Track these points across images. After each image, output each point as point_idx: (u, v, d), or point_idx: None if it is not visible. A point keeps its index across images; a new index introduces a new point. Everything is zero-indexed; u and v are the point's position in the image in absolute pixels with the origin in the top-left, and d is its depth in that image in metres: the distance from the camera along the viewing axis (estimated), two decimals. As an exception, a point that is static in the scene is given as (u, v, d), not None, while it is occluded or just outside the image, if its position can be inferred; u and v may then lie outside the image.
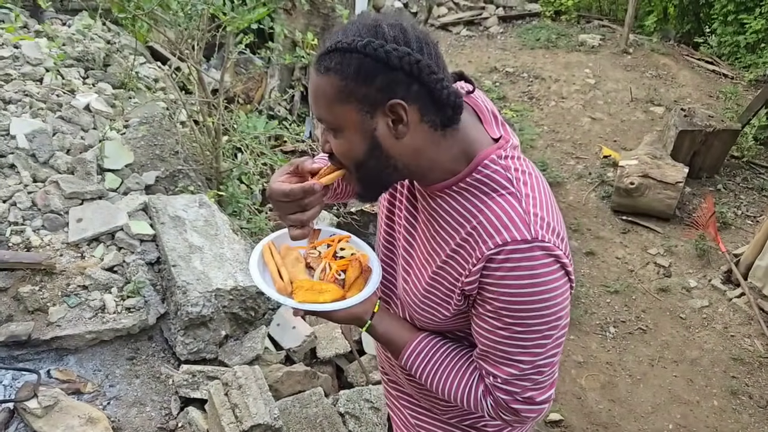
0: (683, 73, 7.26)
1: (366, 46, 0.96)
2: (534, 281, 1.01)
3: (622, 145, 5.95)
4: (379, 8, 8.24)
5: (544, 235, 1.02)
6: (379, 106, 0.99)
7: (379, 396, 2.62)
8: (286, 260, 1.24)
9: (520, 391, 1.11)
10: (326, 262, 1.23)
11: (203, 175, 3.56)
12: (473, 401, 1.18)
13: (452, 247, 1.09)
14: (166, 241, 2.78)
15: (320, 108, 1.03)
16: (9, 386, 2.37)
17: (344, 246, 1.28)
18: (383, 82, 0.98)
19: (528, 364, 1.08)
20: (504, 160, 1.08)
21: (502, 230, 1.02)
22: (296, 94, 5.03)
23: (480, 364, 1.16)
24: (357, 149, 1.04)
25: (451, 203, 1.10)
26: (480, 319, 1.10)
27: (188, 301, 2.54)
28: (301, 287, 1.16)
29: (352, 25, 1.00)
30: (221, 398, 2.19)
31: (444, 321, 1.19)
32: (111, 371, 2.57)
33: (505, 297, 1.03)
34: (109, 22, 4.60)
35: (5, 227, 2.76)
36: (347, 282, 1.20)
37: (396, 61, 0.96)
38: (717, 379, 3.51)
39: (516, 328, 1.05)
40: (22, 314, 2.54)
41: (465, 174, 1.07)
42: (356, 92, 0.98)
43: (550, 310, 1.04)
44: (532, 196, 1.05)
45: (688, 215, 4.89)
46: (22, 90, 3.54)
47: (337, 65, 0.98)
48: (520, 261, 1.00)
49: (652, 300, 4.11)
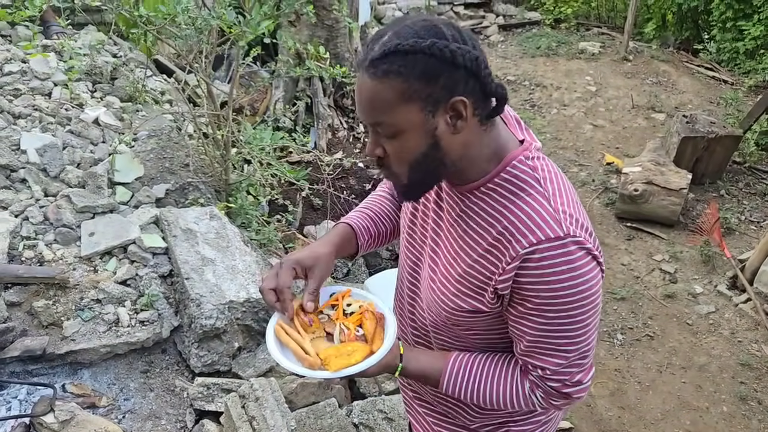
0: (683, 80, 7.31)
1: (431, 46, 0.98)
2: (571, 275, 1.04)
3: (625, 151, 5.98)
4: (380, 19, 8.30)
5: (575, 231, 1.06)
6: (441, 104, 1.02)
7: (393, 406, 2.63)
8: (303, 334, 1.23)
9: (569, 377, 1.16)
10: (340, 323, 1.23)
11: (212, 187, 3.58)
12: (522, 400, 1.22)
13: (484, 247, 1.12)
14: (179, 253, 2.80)
15: (378, 113, 1.03)
16: (24, 401, 2.38)
17: (350, 301, 1.28)
18: (447, 80, 1.00)
19: (573, 351, 1.13)
20: (531, 160, 1.12)
21: (535, 229, 1.05)
22: (301, 106, 5.05)
23: (525, 360, 1.19)
24: (416, 149, 1.06)
25: (480, 204, 1.13)
26: (522, 318, 1.13)
27: (202, 314, 2.56)
28: (330, 356, 1.16)
29: (402, 27, 1.01)
30: (238, 411, 2.20)
31: (473, 321, 1.21)
32: (125, 385, 2.58)
33: (546, 293, 1.06)
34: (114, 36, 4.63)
35: (18, 242, 2.78)
36: (368, 336, 1.21)
37: (460, 59, 0.99)
38: (725, 384, 3.52)
39: (559, 321, 1.09)
40: (36, 329, 2.55)
41: (495, 173, 1.11)
42: (421, 93, 1.00)
43: (589, 299, 1.08)
44: (559, 194, 1.10)
45: (692, 221, 4.92)
46: (31, 104, 3.56)
47: (401, 68, 0.98)
48: (556, 258, 1.04)
49: (659, 306, 4.12)
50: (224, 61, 5.48)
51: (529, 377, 1.20)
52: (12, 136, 3.22)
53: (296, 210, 4.14)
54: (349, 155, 4.84)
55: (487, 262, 1.12)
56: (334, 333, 1.21)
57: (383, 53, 0.99)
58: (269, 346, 1.19)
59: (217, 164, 3.52)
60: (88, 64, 3.97)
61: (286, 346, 1.20)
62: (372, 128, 1.07)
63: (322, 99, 5.25)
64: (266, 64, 5.34)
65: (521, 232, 1.06)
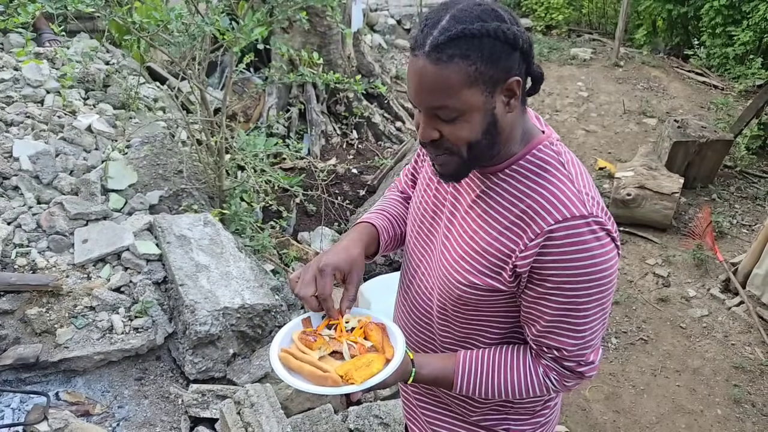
0: (674, 85, 7.37)
1: (496, 30, 1.00)
2: (592, 253, 1.07)
3: (617, 156, 6.02)
4: (372, 25, 8.32)
5: (597, 212, 1.09)
6: (499, 84, 1.05)
7: (388, 412, 2.63)
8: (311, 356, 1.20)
9: (584, 357, 1.19)
10: (346, 340, 1.22)
11: (206, 193, 3.57)
12: (537, 385, 1.23)
13: (505, 225, 1.14)
14: (173, 260, 2.79)
15: (442, 97, 1.04)
16: (18, 409, 2.36)
17: (347, 318, 1.27)
18: (506, 62, 1.03)
19: (589, 331, 1.16)
20: (554, 146, 1.16)
21: (560, 207, 1.08)
22: (294, 112, 5.06)
23: (540, 342, 1.20)
24: (476, 130, 1.07)
25: (502, 184, 1.16)
26: (540, 298, 1.14)
27: (196, 320, 2.55)
28: (349, 370, 1.14)
29: (460, 11, 1.03)
30: (234, 417, 2.19)
31: (485, 301, 1.21)
32: (119, 392, 2.56)
33: (568, 271, 1.08)
34: (106, 43, 4.62)
35: (10, 249, 2.76)
36: (378, 345, 1.20)
37: (520, 41, 1.03)
38: (719, 387, 3.54)
39: (579, 300, 1.11)
40: (29, 336, 2.53)
41: (520, 156, 1.15)
42: (484, 75, 1.02)
43: (606, 279, 1.10)
44: (581, 177, 1.14)
45: (685, 225, 4.95)
46: (23, 112, 3.55)
47: (467, 51, 1.00)
48: (580, 236, 1.07)
49: (652, 310, 4.14)
50: (217, 68, 5.48)
51: (542, 361, 1.22)
52: (4, 143, 3.21)
53: (290, 216, 4.14)
54: (343, 161, 4.85)
55: (507, 240, 1.14)
56: (342, 350, 1.19)
57: (448, 38, 1.00)
58: (283, 375, 1.15)
59: (211, 171, 3.52)
60: (80, 71, 3.96)
61: (298, 372, 1.16)
62: (430, 112, 1.08)
63: (315, 105, 5.26)
64: (259, 70, 5.34)
65: (546, 210, 1.09)
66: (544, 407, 1.43)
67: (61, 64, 4.10)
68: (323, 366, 1.15)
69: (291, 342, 1.24)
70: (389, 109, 5.87)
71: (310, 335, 1.23)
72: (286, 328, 1.27)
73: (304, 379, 1.15)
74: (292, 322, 1.29)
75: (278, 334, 1.25)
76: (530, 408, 1.40)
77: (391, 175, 4.59)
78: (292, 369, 1.17)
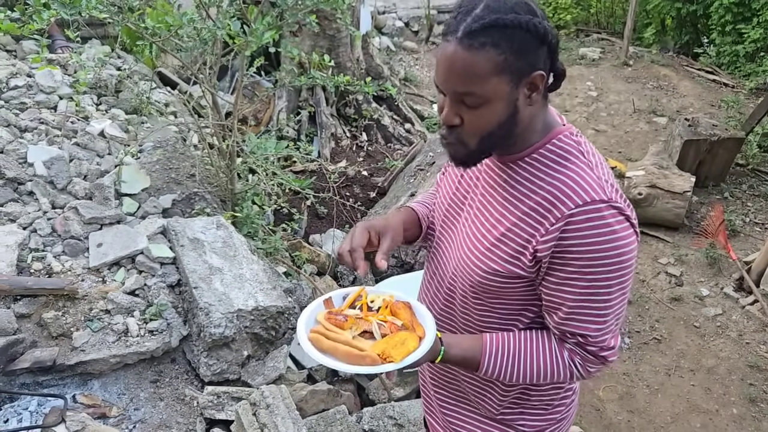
0: (684, 84, 7.33)
1: (528, 22, 1.03)
2: (612, 237, 1.09)
3: (627, 156, 5.99)
4: (380, 28, 8.34)
5: (616, 198, 1.11)
6: (524, 77, 1.07)
7: (403, 413, 2.63)
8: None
9: (606, 341, 1.20)
10: (374, 319, 1.20)
11: (218, 196, 3.59)
12: (563, 368, 1.24)
13: (524, 210, 1.16)
14: (187, 263, 2.81)
15: (470, 83, 1.06)
16: (35, 412, 2.38)
17: (372, 298, 1.27)
18: (534, 55, 1.06)
19: (611, 315, 1.17)
20: (575, 137, 1.20)
21: (580, 192, 1.10)
22: (304, 115, 5.07)
23: (563, 330, 1.21)
24: (496, 119, 1.10)
25: (522, 173, 1.18)
26: (562, 284, 1.15)
27: (211, 323, 2.56)
28: (386, 348, 1.13)
29: (495, 1, 1.04)
30: (249, 418, 2.20)
31: (505, 287, 1.22)
32: (135, 395, 2.58)
33: (589, 254, 1.10)
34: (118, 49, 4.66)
35: (26, 254, 2.79)
36: (407, 324, 1.20)
37: (548, 37, 1.06)
38: (735, 387, 3.52)
39: (600, 283, 1.12)
40: (46, 340, 2.55)
41: (540, 145, 1.17)
42: (512, 65, 1.05)
43: (626, 263, 1.12)
44: (601, 167, 1.17)
45: (697, 224, 4.92)
46: (37, 118, 3.58)
47: (498, 40, 1.02)
48: (600, 219, 1.09)
49: (666, 309, 4.12)
50: (228, 72, 5.51)
51: (566, 345, 1.23)
52: (19, 149, 3.24)
53: (301, 218, 4.15)
54: (353, 164, 4.86)
55: (527, 225, 1.15)
56: (372, 330, 1.18)
57: (482, 26, 1.02)
58: (317, 356, 1.14)
59: (223, 174, 3.54)
60: (93, 77, 3.99)
61: (331, 352, 1.15)
62: (455, 97, 1.10)
63: (325, 108, 5.27)
64: (269, 74, 5.37)
65: (567, 195, 1.11)
66: (560, 404, 1.43)
67: (73, 71, 4.14)
68: (359, 345, 1.14)
69: (316, 323, 1.23)
70: (398, 111, 5.88)
71: (338, 315, 1.22)
72: (308, 310, 1.26)
73: (339, 359, 1.14)
74: (313, 304, 1.29)
75: (302, 315, 1.24)
76: (547, 401, 1.40)
77: (401, 177, 4.59)
78: (324, 349, 1.16)
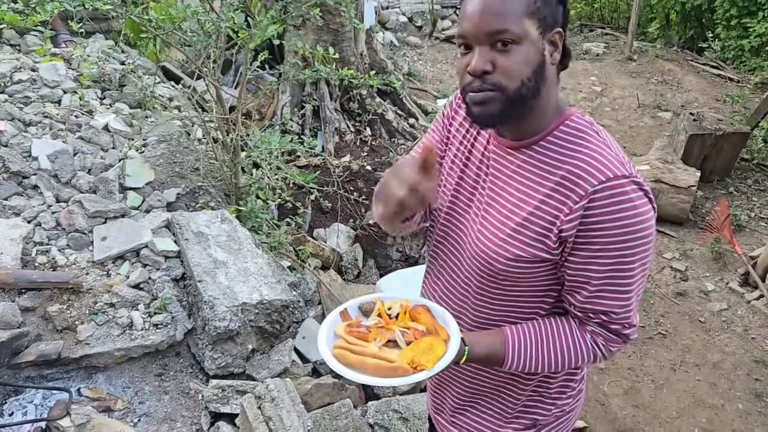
0: (689, 78, 7.30)
1: None
2: (635, 212, 1.11)
3: (632, 150, 5.97)
4: (384, 23, 8.31)
5: (635, 173, 1.14)
6: (548, 30, 1.13)
7: (407, 406, 2.63)
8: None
9: (629, 318, 1.21)
10: (396, 328, 1.18)
11: (222, 190, 3.58)
12: (586, 351, 1.24)
13: (545, 193, 1.16)
14: (191, 257, 2.80)
15: (505, 20, 1.08)
16: (40, 405, 2.38)
17: (389, 305, 1.25)
18: (556, 11, 1.13)
19: (634, 291, 1.19)
20: (585, 117, 1.22)
21: (603, 168, 1.12)
22: (308, 110, 5.06)
23: (586, 309, 1.21)
24: (529, 65, 1.11)
25: (538, 156, 1.19)
26: (587, 262, 1.16)
27: (215, 316, 2.56)
28: (415, 356, 1.11)
29: None
30: (254, 412, 2.20)
31: (527, 273, 1.22)
32: (140, 388, 2.58)
33: (613, 230, 1.11)
34: (121, 43, 4.65)
35: (31, 247, 2.78)
36: (430, 328, 1.18)
37: (567, 1, 1.16)
38: (740, 382, 3.50)
39: (625, 259, 1.14)
40: (50, 333, 2.55)
41: (555, 126, 1.19)
42: (541, 12, 1.10)
43: (648, 237, 1.14)
44: (614, 145, 1.19)
45: (702, 219, 4.90)
46: (41, 112, 3.57)
47: None
48: (623, 195, 1.10)
49: (671, 304, 4.11)
50: (231, 67, 5.49)
51: (587, 328, 1.23)
52: (23, 143, 3.24)
53: (306, 213, 4.15)
54: (357, 158, 4.85)
55: (550, 207, 1.16)
56: (395, 338, 1.16)
57: None
58: (350, 375, 1.11)
59: (227, 168, 3.53)
60: (97, 71, 3.99)
61: (359, 367, 1.12)
62: (488, 39, 1.10)
63: (329, 103, 5.26)
64: (273, 68, 5.35)
65: (588, 172, 1.12)
66: (569, 396, 1.42)
67: (77, 65, 4.13)
68: (388, 356, 1.11)
69: (336, 338, 1.20)
70: (402, 106, 5.86)
71: (360, 327, 1.19)
72: (326, 325, 1.22)
73: (369, 373, 1.11)
74: (329, 318, 1.25)
75: (320, 333, 1.19)
76: (560, 390, 1.39)
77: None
78: (351, 365, 1.12)
